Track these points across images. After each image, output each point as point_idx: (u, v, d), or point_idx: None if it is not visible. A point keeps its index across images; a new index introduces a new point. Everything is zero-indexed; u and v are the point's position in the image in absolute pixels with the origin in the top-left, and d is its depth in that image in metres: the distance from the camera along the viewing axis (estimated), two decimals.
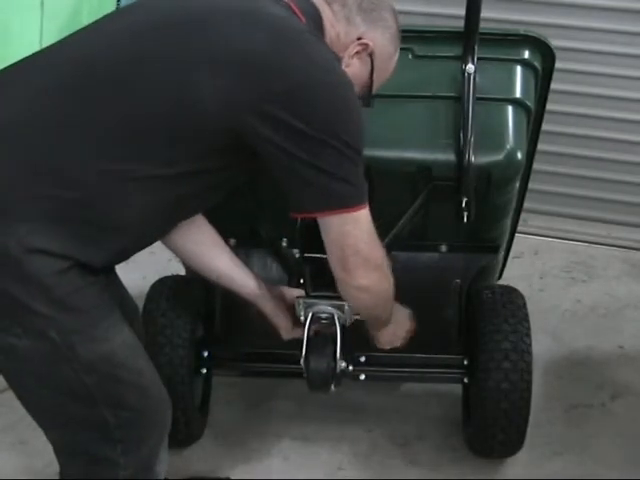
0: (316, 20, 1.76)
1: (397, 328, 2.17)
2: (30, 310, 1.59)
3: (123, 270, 1.97)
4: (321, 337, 2.08)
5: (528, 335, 2.33)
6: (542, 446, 2.58)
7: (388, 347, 2.21)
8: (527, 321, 2.36)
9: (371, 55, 1.81)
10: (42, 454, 1.85)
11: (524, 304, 2.41)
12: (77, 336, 1.63)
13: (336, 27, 1.79)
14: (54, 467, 1.84)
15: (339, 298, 1.97)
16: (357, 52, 1.80)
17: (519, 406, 2.32)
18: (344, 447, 2.60)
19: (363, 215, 1.69)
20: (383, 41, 1.83)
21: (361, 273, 1.74)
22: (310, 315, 2.07)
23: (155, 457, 1.84)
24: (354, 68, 1.81)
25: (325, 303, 2.06)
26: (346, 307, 2.05)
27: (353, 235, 1.69)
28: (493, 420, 2.35)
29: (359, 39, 1.80)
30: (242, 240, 2.44)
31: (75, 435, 1.74)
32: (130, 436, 1.75)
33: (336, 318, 2.06)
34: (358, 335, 2.40)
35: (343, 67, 1.77)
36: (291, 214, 1.70)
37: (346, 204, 1.66)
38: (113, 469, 1.77)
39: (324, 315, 2.06)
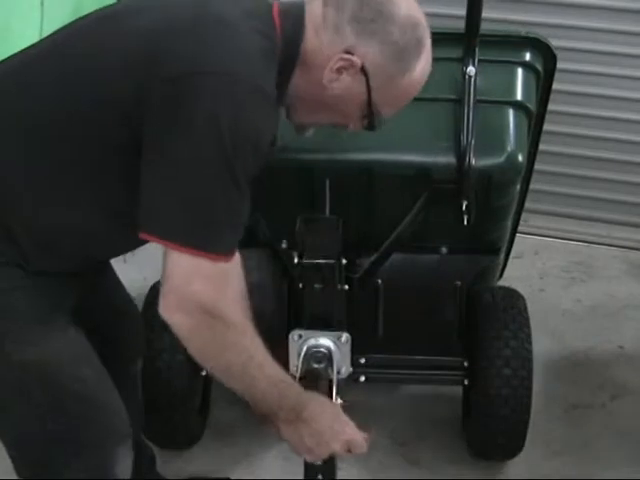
0: (296, 22, 1.56)
1: (312, 430, 1.63)
2: None
3: (123, 270, 1.98)
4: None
5: (529, 341, 2.34)
6: (542, 446, 2.59)
7: (304, 455, 1.70)
8: (528, 327, 2.36)
9: (365, 73, 1.55)
10: None
11: (525, 308, 2.41)
12: (7, 338, 1.57)
13: (321, 34, 1.55)
14: None
15: (338, 327, 1.91)
16: (343, 67, 1.54)
17: (519, 412, 2.33)
18: None
19: (219, 268, 1.47)
20: (380, 58, 1.55)
21: (168, 302, 1.49)
22: (304, 350, 1.96)
23: (111, 460, 1.74)
24: (342, 84, 1.56)
25: (321, 334, 1.99)
26: (343, 337, 1.98)
27: (193, 281, 1.46)
28: (493, 426, 2.36)
29: (348, 53, 1.54)
30: (241, 241, 2.44)
31: (20, 435, 1.69)
32: (75, 442, 1.68)
33: (333, 353, 1.94)
34: (357, 336, 2.41)
35: (325, 82, 1.55)
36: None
37: (198, 246, 1.44)
38: (61, 471, 1.71)
39: (320, 351, 1.94)
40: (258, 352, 1.57)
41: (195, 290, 1.46)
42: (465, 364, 2.42)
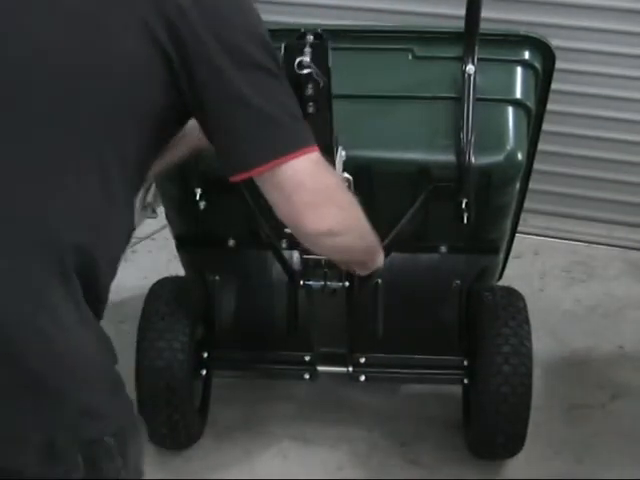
0: None
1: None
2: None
3: (123, 270, 1.96)
4: None
5: (529, 339, 2.34)
6: (542, 446, 2.58)
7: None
8: (528, 324, 2.36)
9: None
10: None
11: (524, 306, 2.40)
12: (130, 434, 1.33)
13: None
14: None
15: None
16: None
17: (519, 410, 2.32)
18: (344, 447, 2.60)
19: (316, 156, 1.38)
20: None
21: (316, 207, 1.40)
22: None
23: None
24: None
25: None
26: None
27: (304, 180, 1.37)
28: (493, 424, 2.36)
29: None
30: (242, 241, 2.44)
31: None
32: None
33: None
34: (357, 335, 2.41)
35: None
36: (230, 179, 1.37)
37: (302, 144, 1.35)
38: None
39: None
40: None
41: (328, 181, 1.42)
42: (465, 363, 2.43)
